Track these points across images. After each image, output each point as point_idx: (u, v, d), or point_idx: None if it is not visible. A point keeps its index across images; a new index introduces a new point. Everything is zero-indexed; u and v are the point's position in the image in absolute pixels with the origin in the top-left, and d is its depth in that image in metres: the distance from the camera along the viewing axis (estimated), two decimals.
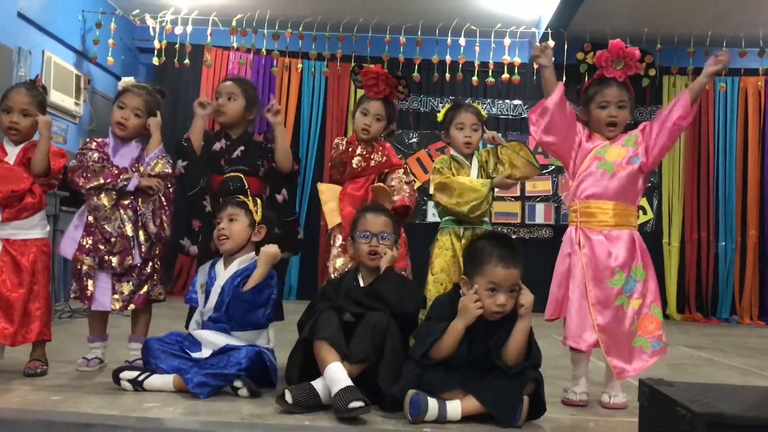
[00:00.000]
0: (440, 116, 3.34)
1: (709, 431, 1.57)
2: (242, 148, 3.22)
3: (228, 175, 3.08)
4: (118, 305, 3.01)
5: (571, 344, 2.78)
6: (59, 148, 3.07)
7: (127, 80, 3.23)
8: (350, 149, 3.31)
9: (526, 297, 2.42)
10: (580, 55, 3.11)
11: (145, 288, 3.05)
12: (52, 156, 2.97)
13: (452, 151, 3.25)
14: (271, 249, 2.79)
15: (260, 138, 3.30)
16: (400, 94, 3.40)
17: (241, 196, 2.93)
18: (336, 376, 2.37)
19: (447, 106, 3.36)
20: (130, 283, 3.01)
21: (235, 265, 2.86)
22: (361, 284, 2.74)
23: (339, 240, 3.18)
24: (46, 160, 2.95)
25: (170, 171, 3.09)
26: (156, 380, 2.61)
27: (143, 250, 3.02)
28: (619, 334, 2.73)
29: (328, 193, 3.32)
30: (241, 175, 3.01)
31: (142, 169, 3.05)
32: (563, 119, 2.82)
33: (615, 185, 2.79)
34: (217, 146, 3.22)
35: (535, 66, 6.82)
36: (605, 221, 2.79)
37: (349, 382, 2.34)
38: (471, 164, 3.20)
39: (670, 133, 2.78)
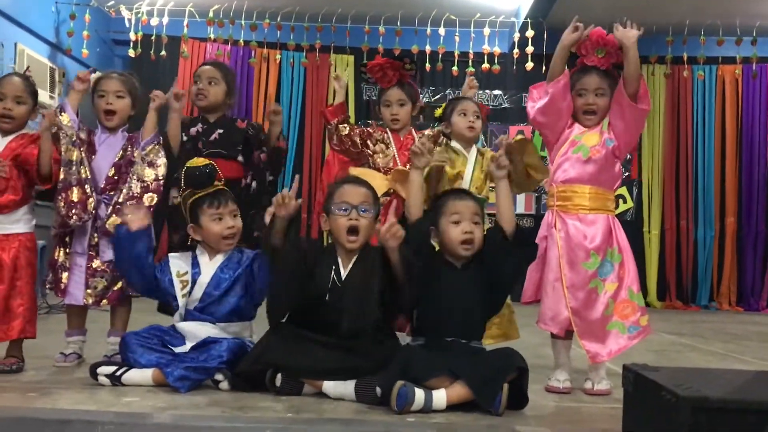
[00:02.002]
0: (438, 112, 3.33)
1: (694, 415, 1.57)
2: (220, 131, 3.20)
3: (191, 163, 2.98)
4: (90, 300, 2.95)
5: (544, 327, 2.80)
6: (57, 156, 2.93)
7: (95, 75, 3.20)
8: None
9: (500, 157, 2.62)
10: None
11: (119, 284, 2.98)
12: (53, 163, 2.90)
13: (453, 143, 3.23)
14: None
15: (243, 125, 3.27)
16: (409, 71, 3.41)
17: (219, 184, 2.84)
18: (339, 389, 2.44)
19: (443, 105, 3.37)
20: (104, 278, 2.96)
21: (221, 256, 2.82)
22: (342, 272, 2.57)
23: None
24: (50, 163, 2.88)
25: (163, 162, 3.00)
26: (135, 375, 2.57)
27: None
28: (592, 317, 2.73)
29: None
30: (208, 161, 2.92)
31: (136, 153, 2.98)
32: (561, 105, 2.84)
33: (591, 169, 2.80)
34: (193, 131, 3.20)
35: (516, 55, 6.87)
36: (582, 205, 2.80)
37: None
38: (468, 155, 3.17)
39: (623, 110, 2.77)
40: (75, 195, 2.89)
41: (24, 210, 2.92)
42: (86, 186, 2.91)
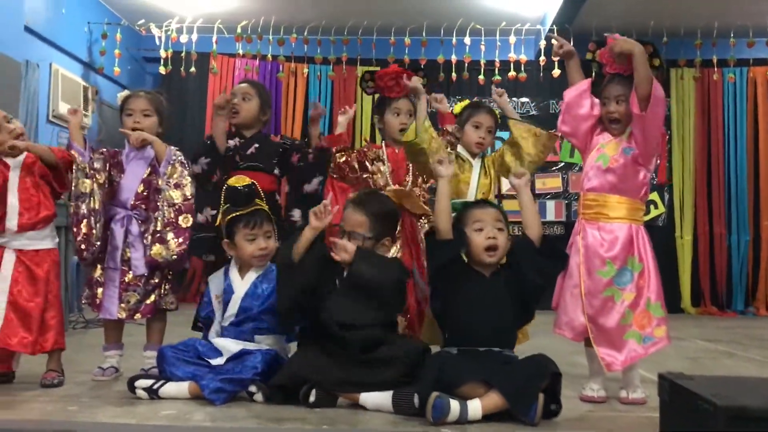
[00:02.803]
0: (457, 108, 3.31)
1: (732, 425, 1.55)
2: (257, 145, 3.26)
3: (232, 182, 3.03)
4: (124, 314, 3.01)
5: (558, 332, 2.82)
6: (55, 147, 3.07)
7: (123, 94, 3.27)
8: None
9: (519, 173, 2.70)
10: (588, 56, 3.10)
11: (152, 298, 3.04)
12: (55, 151, 3.02)
13: (459, 148, 3.24)
14: None
15: (277, 139, 3.33)
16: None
17: (260, 203, 2.91)
18: (377, 401, 2.45)
19: (465, 101, 3.35)
20: (136, 292, 3.01)
21: (254, 272, 2.87)
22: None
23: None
24: (50, 154, 2.98)
25: (188, 179, 3.05)
26: (171, 388, 2.61)
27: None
28: (607, 325, 2.72)
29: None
30: (249, 180, 2.97)
31: (160, 182, 3.02)
32: (577, 112, 2.89)
33: (610, 178, 2.80)
34: (231, 143, 3.26)
35: (542, 63, 6.86)
36: (603, 213, 2.81)
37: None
38: (474, 164, 3.19)
39: (635, 117, 2.74)
40: (84, 228, 2.97)
41: (51, 227, 3.02)
42: (92, 218, 2.98)
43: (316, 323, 2.61)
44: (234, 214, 2.86)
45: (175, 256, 2.96)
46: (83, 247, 2.98)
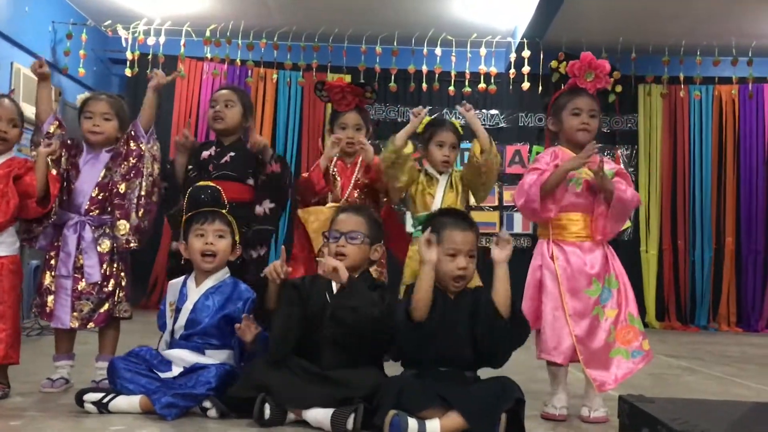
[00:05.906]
0: (420, 128, 3.30)
1: None
2: (232, 154, 3.18)
3: (201, 183, 2.97)
4: (77, 323, 2.92)
5: (547, 357, 2.76)
6: (53, 173, 2.93)
7: (82, 96, 3.19)
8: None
9: (501, 249, 2.45)
10: (553, 64, 3.12)
11: (106, 306, 2.95)
12: (50, 181, 2.89)
13: (426, 166, 3.23)
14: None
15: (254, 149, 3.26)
16: (368, 99, 3.37)
17: (222, 210, 2.84)
18: (318, 417, 2.36)
19: (427, 119, 3.33)
20: (90, 300, 2.92)
21: (209, 282, 2.79)
22: (335, 291, 2.60)
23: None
24: (46, 183, 2.87)
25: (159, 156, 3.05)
26: (122, 402, 2.51)
27: (104, 266, 2.94)
28: (595, 345, 2.72)
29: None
30: (215, 185, 2.90)
31: (143, 146, 2.99)
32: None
33: (583, 199, 2.81)
34: (205, 154, 3.18)
35: (512, 75, 6.86)
36: (577, 233, 2.81)
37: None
38: (440, 179, 3.17)
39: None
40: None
41: (8, 233, 2.86)
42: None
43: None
44: (189, 214, 2.81)
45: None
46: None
